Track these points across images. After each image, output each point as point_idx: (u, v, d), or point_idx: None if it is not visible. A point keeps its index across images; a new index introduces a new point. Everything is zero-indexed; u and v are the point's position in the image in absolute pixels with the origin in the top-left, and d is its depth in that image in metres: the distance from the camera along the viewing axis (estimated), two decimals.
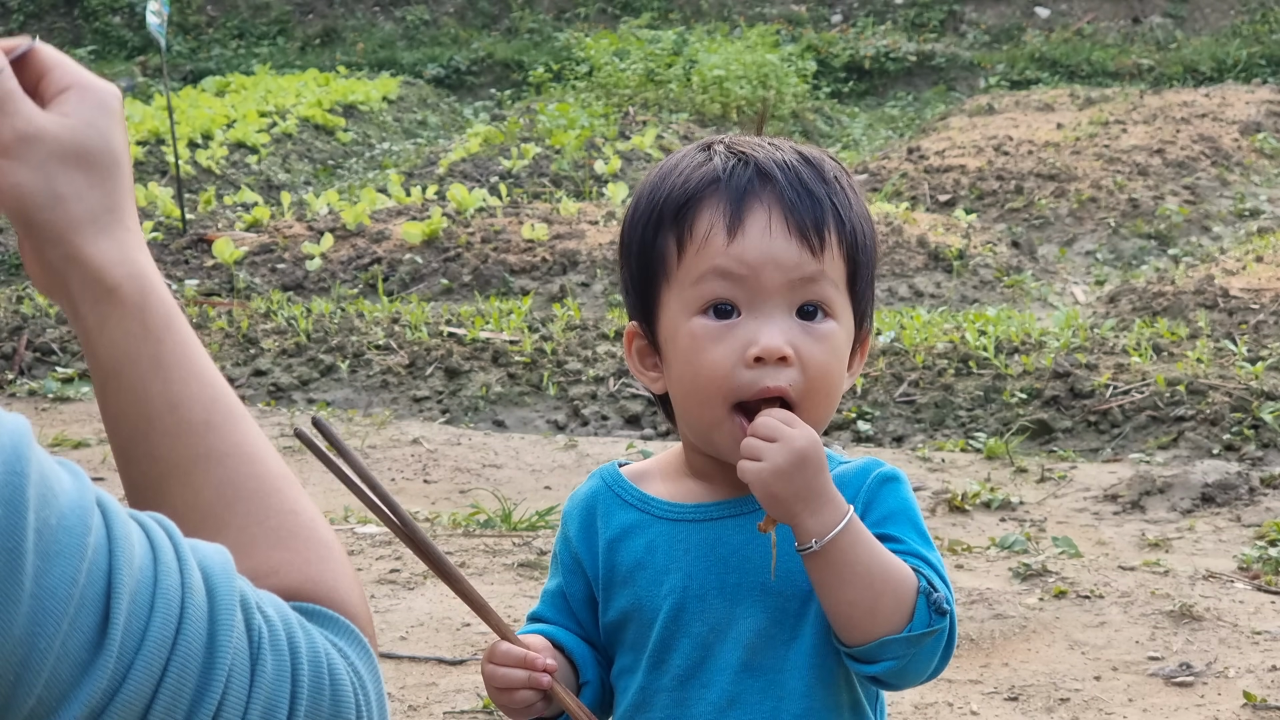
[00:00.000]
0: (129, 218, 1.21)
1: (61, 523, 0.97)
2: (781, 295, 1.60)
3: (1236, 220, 10.90)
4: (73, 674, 0.97)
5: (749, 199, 1.61)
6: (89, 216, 1.18)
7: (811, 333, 1.60)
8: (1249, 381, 6.38)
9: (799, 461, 1.53)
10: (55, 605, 0.95)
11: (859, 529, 1.56)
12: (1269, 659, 4.08)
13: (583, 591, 1.72)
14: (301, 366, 7.38)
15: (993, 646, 4.21)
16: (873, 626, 1.55)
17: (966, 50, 19.16)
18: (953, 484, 5.70)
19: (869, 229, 1.68)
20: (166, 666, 1.00)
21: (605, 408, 6.83)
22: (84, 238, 1.18)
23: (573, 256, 9.19)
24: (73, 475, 1.00)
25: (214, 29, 21.21)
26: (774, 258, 1.59)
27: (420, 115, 17.10)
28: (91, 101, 1.20)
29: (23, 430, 0.98)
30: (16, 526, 0.94)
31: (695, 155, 1.68)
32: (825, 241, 1.61)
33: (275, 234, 9.93)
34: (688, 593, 1.64)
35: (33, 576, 0.94)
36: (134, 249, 1.21)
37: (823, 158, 1.68)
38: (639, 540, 1.69)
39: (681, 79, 15.70)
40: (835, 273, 1.63)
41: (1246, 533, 5.19)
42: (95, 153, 1.19)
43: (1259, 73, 17.62)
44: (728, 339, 1.59)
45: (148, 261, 1.22)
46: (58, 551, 0.96)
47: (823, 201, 1.63)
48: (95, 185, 1.19)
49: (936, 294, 8.91)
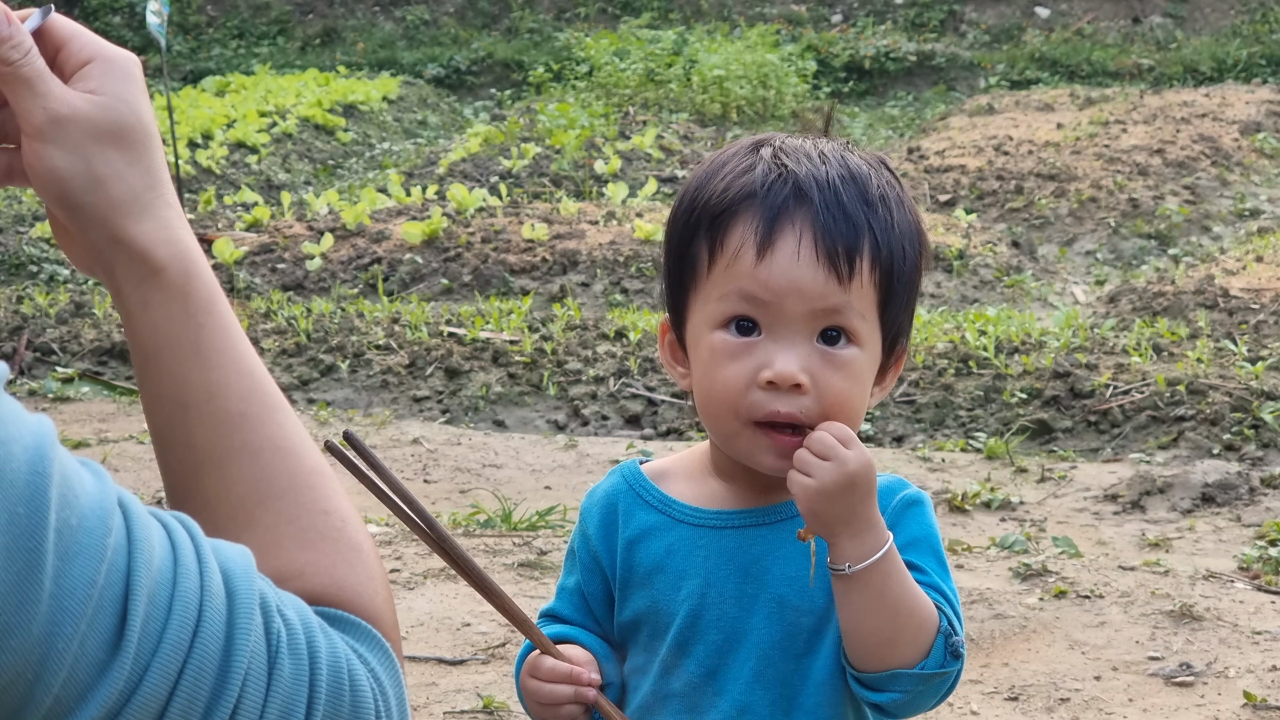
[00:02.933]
0: (168, 193, 1.20)
1: (82, 524, 0.97)
2: (804, 322, 1.58)
3: (1236, 220, 10.90)
4: (90, 674, 0.97)
5: (782, 219, 1.58)
6: (130, 196, 1.16)
7: (831, 360, 1.58)
8: (1249, 381, 6.38)
9: (848, 484, 1.52)
10: (74, 605, 0.95)
11: (894, 560, 1.55)
12: (1269, 659, 4.08)
13: (601, 590, 1.71)
14: (301, 366, 7.38)
15: (993, 646, 4.21)
16: (888, 657, 1.55)
17: (966, 50, 19.16)
18: (953, 484, 5.70)
19: (912, 249, 1.64)
20: (183, 668, 1.00)
21: (605, 408, 6.83)
22: (128, 219, 1.16)
23: (573, 256, 9.19)
24: (95, 475, 1.00)
25: (214, 29, 21.22)
26: (799, 286, 1.57)
27: (420, 115, 17.10)
28: (117, 74, 1.18)
29: (47, 431, 0.97)
30: (38, 526, 0.94)
31: (743, 158, 1.64)
32: (855, 270, 1.58)
33: (275, 234, 9.93)
34: (705, 599, 1.63)
35: (52, 576, 0.95)
36: (177, 227, 1.19)
37: (870, 173, 1.63)
38: (659, 543, 1.68)
39: (681, 79, 15.70)
40: (864, 300, 1.59)
41: (1246, 533, 5.19)
42: (129, 129, 1.17)
43: (1259, 73, 17.62)
44: (745, 358, 1.58)
45: (191, 240, 1.20)
46: (77, 552, 0.96)
47: (859, 226, 1.59)
48: (133, 163, 1.17)
49: (937, 294, 8.91)
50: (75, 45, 1.18)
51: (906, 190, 1.68)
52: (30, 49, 1.14)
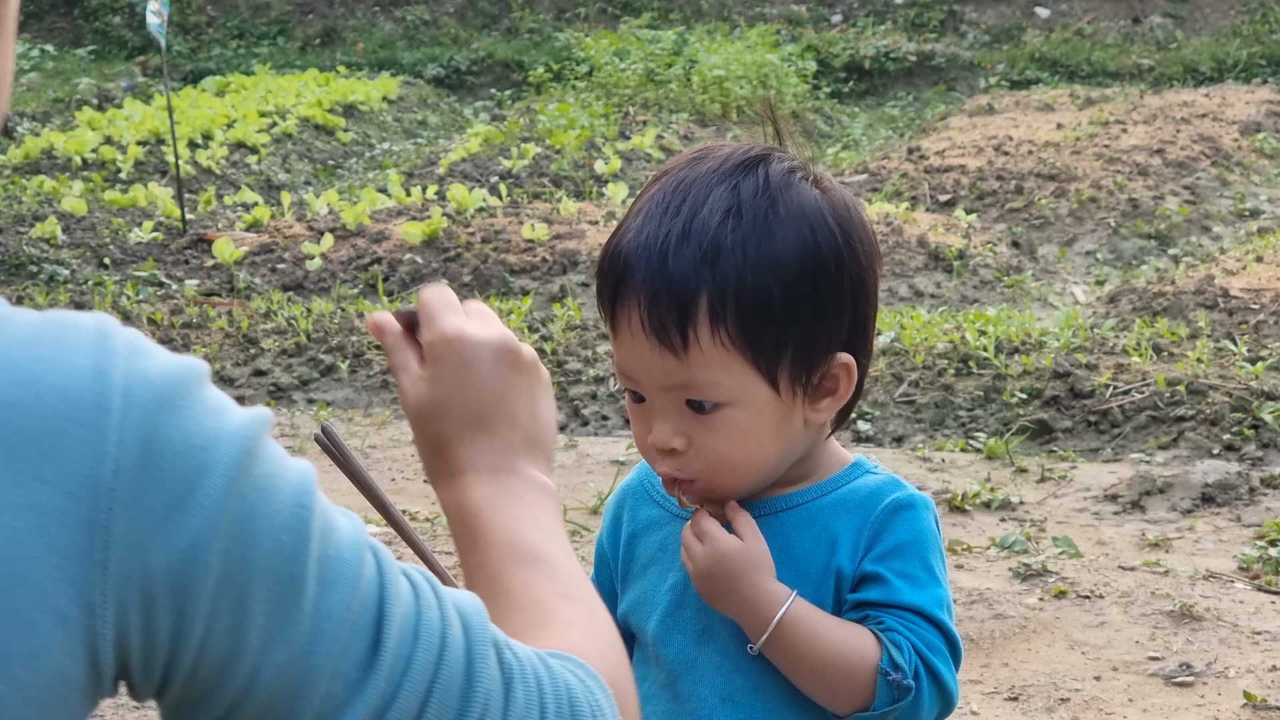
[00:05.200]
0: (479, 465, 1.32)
1: (339, 555, 1.06)
2: (665, 394, 1.59)
3: (1236, 220, 10.90)
4: (346, 692, 1.05)
5: (620, 295, 1.58)
6: (458, 466, 1.32)
7: (703, 423, 1.58)
8: (1249, 381, 6.38)
9: (706, 579, 1.59)
10: (331, 628, 1.04)
11: (797, 626, 1.57)
12: (1269, 659, 4.08)
13: (608, 583, 1.76)
14: (302, 366, 7.38)
15: (993, 646, 4.21)
16: (839, 706, 1.59)
17: (966, 50, 19.16)
18: (953, 484, 5.70)
19: (793, 271, 1.55)
20: (430, 689, 1.08)
21: (605, 408, 6.83)
22: (438, 479, 1.34)
23: (573, 256, 9.19)
24: (349, 519, 1.10)
25: (214, 29, 21.21)
26: (643, 365, 1.58)
27: (420, 115, 17.10)
28: (451, 363, 1.32)
29: (309, 472, 1.07)
30: (301, 554, 1.03)
31: (637, 202, 1.63)
32: (689, 339, 1.54)
33: (275, 234, 9.93)
34: (687, 589, 1.66)
35: (312, 600, 1.03)
36: (479, 499, 1.30)
37: (715, 217, 1.54)
38: (655, 536, 1.71)
39: (681, 79, 15.70)
40: (715, 362, 1.55)
41: (1246, 533, 5.19)
42: (451, 410, 1.32)
43: (1259, 73, 17.62)
44: (641, 419, 1.63)
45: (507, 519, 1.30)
46: (335, 580, 1.05)
47: (690, 288, 1.53)
48: (465, 442, 1.32)
49: (936, 294, 8.91)
50: (425, 333, 1.34)
51: (825, 199, 1.59)
52: (390, 343, 1.35)
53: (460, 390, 1.32)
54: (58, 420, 0.96)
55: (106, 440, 0.96)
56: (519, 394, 1.33)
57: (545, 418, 1.36)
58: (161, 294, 8.93)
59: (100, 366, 0.98)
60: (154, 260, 9.61)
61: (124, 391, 0.98)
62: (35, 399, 0.96)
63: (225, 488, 1.00)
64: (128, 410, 0.97)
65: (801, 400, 1.60)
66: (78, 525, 0.96)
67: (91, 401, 0.97)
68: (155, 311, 8.18)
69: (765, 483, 1.64)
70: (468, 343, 1.32)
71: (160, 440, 0.98)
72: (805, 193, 1.59)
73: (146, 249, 9.86)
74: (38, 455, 0.95)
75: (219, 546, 0.99)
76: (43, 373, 0.97)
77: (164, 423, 0.98)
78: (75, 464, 0.96)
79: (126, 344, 1.00)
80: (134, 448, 0.97)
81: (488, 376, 1.32)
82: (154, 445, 0.98)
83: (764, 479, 1.64)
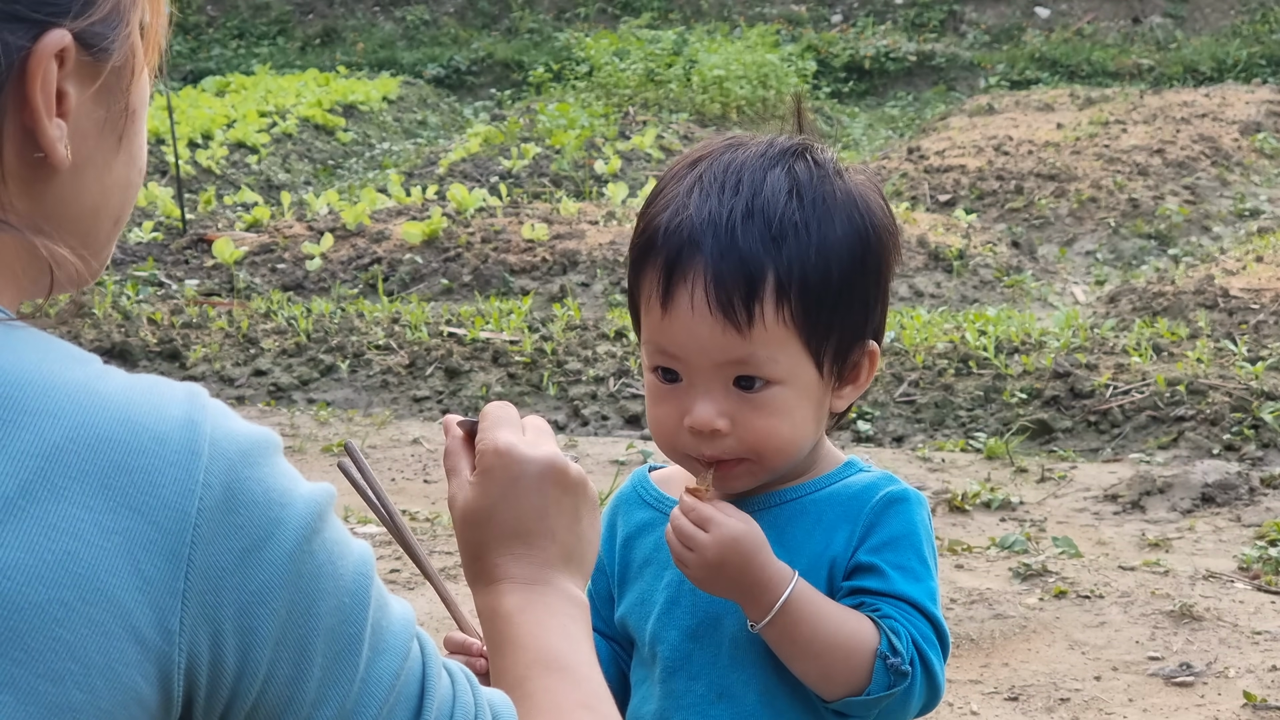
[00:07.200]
0: (514, 575, 1.39)
1: (390, 627, 1.16)
2: (714, 372, 1.58)
3: (1236, 220, 10.90)
4: None
5: (678, 271, 1.57)
6: (506, 574, 1.39)
7: (749, 402, 1.58)
8: (1249, 381, 6.38)
9: (715, 568, 1.57)
10: (380, 692, 1.14)
11: (800, 605, 1.57)
12: (1269, 659, 4.08)
13: (604, 589, 1.76)
14: (301, 366, 7.38)
15: (993, 646, 4.21)
16: (831, 690, 1.59)
17: (966, 50, 19.16)
18: (953, 484, 5.70)
19: (849, 259, 1.59)
20: None
21: (605, 408, 6.83)
22: (475, 584, 1.41)
23: (573, 256, 9.19)
24: (400, 604, 1.20)
25: (214, 29, 21.22)
26: (699, 341, 1.57)
27: (420, 115, 17.10)
28: (497, 478, 1.40)
29: (369, 549, 1.17)
30: (360, 618, 1.13)
31: (675, 182, 1.63)
32: (755, 316, 1.55)
33: (275, 234, 9.93)
34: (682, 586, 1.66)
35: (365, 663, 1.13)
36: (509, 608, 1.37)
37: (787, 197, 1.57)
38: (650, 538, 1.72)
39: (681, 79, 15.70)
40: (774, 341, 1.57)
41: (1246, 533, 5.19)
42: (491, 523, 1.40)
43: (1259, 73, 17.62)
44: (672, 401, 1.61)
45: (534, 626, 1.37)
46: (385, 648, 1.15)
47: (758, 268, 1.55)
48: (501, 551, 1.40)
49: (936, 294, 8.91)
50: (479, 443, 1.43)
51: (865, 188, 1.63)
52: (450, 446, 1.45)
53: (504, 501, 1.39)
54: (151, 458, 1.05)
55: (194, 480, 1.05)
56: (562, 511, 1.40)
57: (587, 535, 1.43)
58: (161, 294, 8.93)
59: (191, 417, 1.07)
60: (154, 260, 9.61)
61: (212, 441, 1.07)
62: (132, 436, 1.05)
63: (297, 543, 1.09)
64: (215, 457, 1.06)
65: (831, 385, 1.63)
66: (162, 554, 1.04)
67: (182, 445, 1.06)
68: (155, 311, 8.18)
69: (788, 469, 1.65)
70: (515, 457, 1.39)
71: (242, 490, 1.07)
72: (852, 180, 1.63)
73: (146, 249, 9.86)
74: (130, 486, 1.04)
75: (286, 596, 1.08)
76: (140, 416, 1.06)
77: (246, 475, 1.08)
78: (165, 497, 1.04)
79: (215, 405, 1.10)
80: (219, 491, 1.06)
81: (532, 492, 1.39)
82: (236, 493, 1.07)
83: (794, 463, 1.64)
